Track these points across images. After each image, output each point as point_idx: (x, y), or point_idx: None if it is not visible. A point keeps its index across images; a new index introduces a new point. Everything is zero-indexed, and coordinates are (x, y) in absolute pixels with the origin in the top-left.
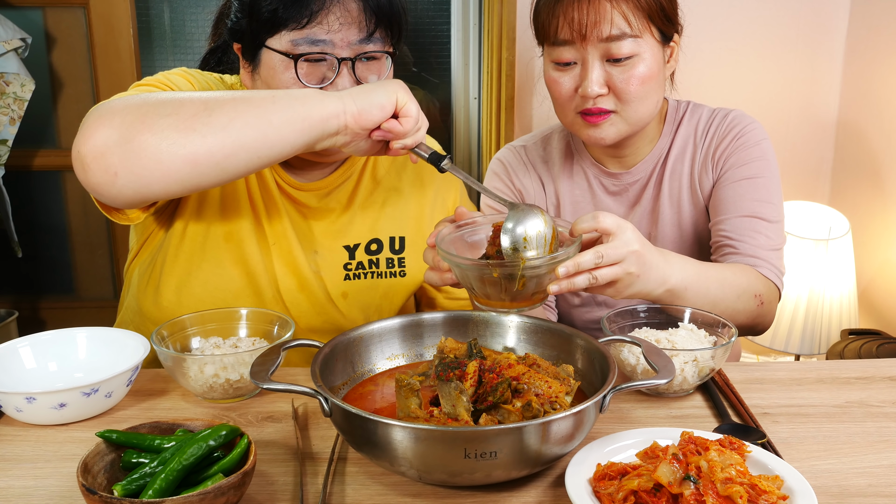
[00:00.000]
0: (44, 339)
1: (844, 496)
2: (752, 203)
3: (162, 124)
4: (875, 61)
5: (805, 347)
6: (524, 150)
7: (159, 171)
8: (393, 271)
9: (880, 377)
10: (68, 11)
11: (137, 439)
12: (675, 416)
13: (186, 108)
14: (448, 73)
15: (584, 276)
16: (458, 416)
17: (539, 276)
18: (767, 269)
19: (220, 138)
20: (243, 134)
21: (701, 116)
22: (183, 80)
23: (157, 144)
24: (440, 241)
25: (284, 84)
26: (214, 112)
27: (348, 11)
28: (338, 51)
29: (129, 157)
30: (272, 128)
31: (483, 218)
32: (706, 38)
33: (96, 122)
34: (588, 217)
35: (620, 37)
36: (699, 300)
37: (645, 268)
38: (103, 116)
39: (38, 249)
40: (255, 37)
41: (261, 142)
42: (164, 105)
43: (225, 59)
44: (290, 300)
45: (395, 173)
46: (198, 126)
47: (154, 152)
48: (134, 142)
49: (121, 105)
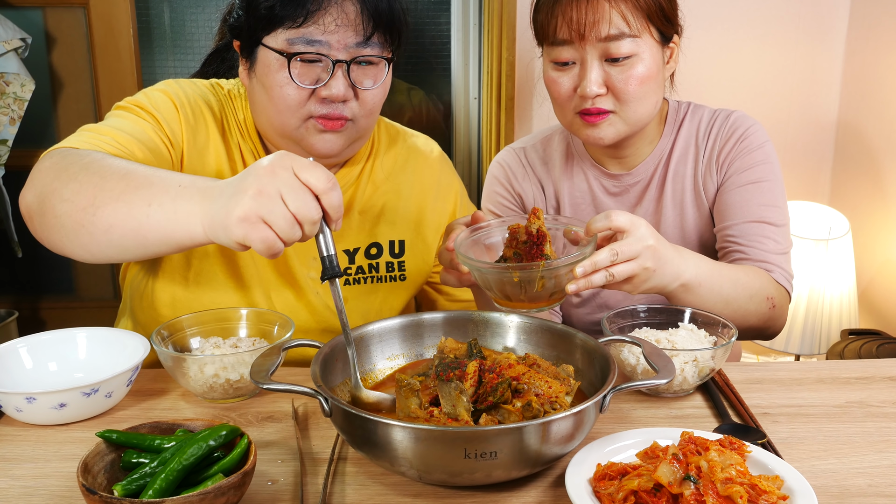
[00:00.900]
0: (44, 339)
1: (844, 496)
2: (758, 208)
3: (60, 210)
4: (875, 61)
5: (805, 347)
6: (524, 152)
7: (63, 249)
8: (393, 275)
9: (880, 377)
10: (68, 11)
11: (137, 439)
12: (675, 416)
13: (80, 197)
14: (448, 73)
15: (600, 273)
16: (458, 416)
17: (557, 277)
18: (778, 273)
19: (104, 238)
20: (121, 237)
21: (702, 117)
22: (164, 99)
23: (57, 231)
24: (458, 245)
25: (278, 83)
26: (99, 210)
27: (345, 13)
28: (333, 52)
29: (42, 230)
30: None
31: (498, 221)
32: (706, 39)
33: (29, 182)
34: (601, 216)
35: (619, 36)
36: (712, 297)
37: (660, 262)
38: (33, 178)
39: (38, 249)
40: (252, 34)
41: (139, 242)
42: (68, 186)
43: (228, 59)
44: (288, 312)
45: (395, 177)
46: (85, 223)
47: (56, 235)
48: (44, 219)
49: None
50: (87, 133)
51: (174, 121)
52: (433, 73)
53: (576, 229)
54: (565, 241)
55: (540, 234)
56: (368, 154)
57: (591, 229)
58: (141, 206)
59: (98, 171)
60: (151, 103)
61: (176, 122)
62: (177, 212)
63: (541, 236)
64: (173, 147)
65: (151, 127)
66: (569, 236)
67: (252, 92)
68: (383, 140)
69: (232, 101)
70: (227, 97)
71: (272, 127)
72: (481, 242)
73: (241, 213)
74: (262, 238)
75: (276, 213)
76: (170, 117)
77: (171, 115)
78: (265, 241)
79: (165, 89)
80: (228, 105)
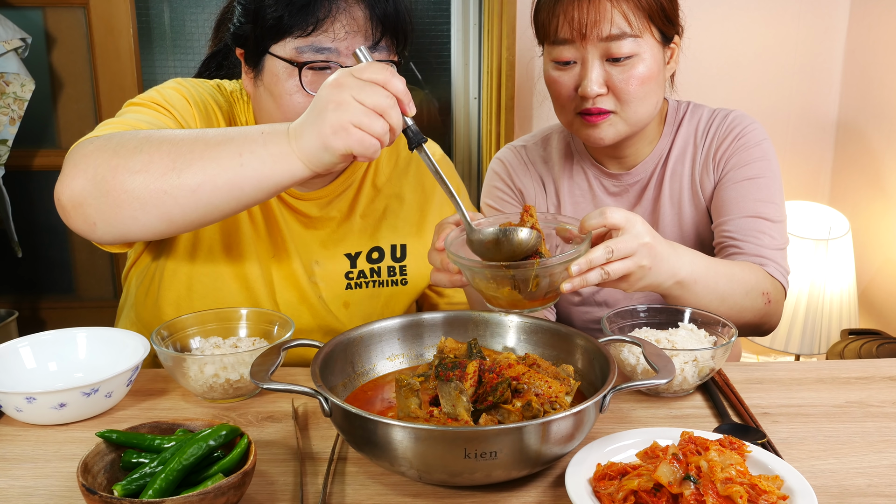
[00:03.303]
0: (44, 339)
1: (844, 496)
2: (754, 203)
3: (133, 183)
4: (875, 61)
5: (805, 347)
6: (524, 150)
7: (136, 225)
8: (395, 279)
9: (880, 377)
10: (68, 11)
11: (137, 439)
12: (675, 416)
13: (155, 165)
14: (448, 73)
15: (595, 271)
16: (458, 416)
17: (552, 275)
18: (773, 268)
19: (191, 200)
20: (212, 195)
21: (701, 117)
22: (177, 96)
23: (129, 205)
24: (449, 244)
25: (287, 91)
26: (182, 171)
27: (354, 20)
28: (342, 59)
29: (105, 209)
30: (240, 183)
31: (488, 220)
32: (706, 39)
33: (73, 170)
34: (596, 213)
35: (620, 36)
36: (708, 294)
37: (656, 260)
38: (79, 165)
39: (38, 249)
40: (258, 43)
41: (233, 195)
42: (134, 158)
43: (226, 63)
44: (291, 314)
45: (396, 181)
46: (168, 188)
47: (128, 212)
48: (109, 196)
49: (95, 151)
50: (113, 124)
51: (189, 116)
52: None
53: (569, 227)
54: (558, 241)
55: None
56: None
57: (586, 226)
58: (231, 157)
59: (164, 139)
60: (165, 99)
61: (191, 117)
62: (272, 154)
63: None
64: None
65: (170, 119)
66: (562, 234)
67: (258, 100)
68: None
69: (235, 103)
70: (231, 98)
71: None
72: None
73: (331, 128)
74: (359, 140)
75: (359, 113)
76: (185, 112)
77: (186, 110)
78: (362, 142)
79: (177, 87)
80: (234, 106)
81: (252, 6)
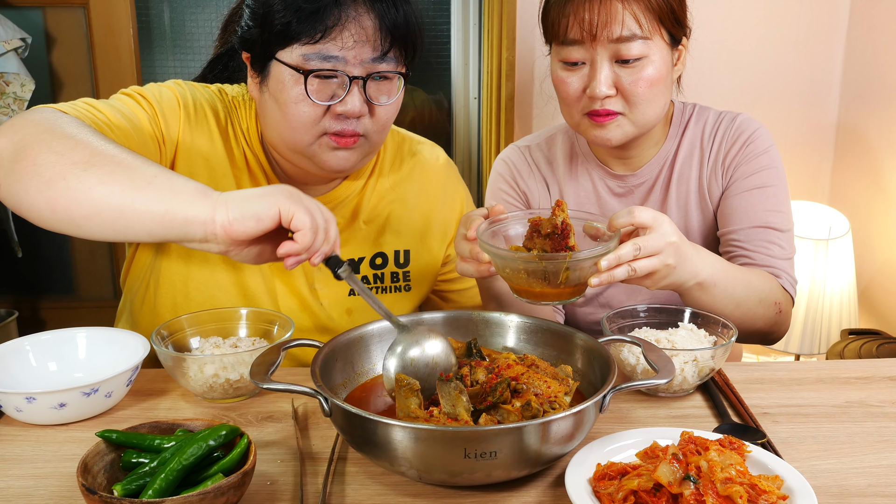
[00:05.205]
0: (44, 339)
1: (844, 496)
2: (763, 213)
3: (44, 160)
4: (875, 61)
5: (805, 347)
6: (529, 151)
7: (26, 201)
8: (398, 286)
9: (880, 377)
10: (68, 11)
11: (137, 439)
12: (675, 416)
13: (74, 153)
14: (448, 73)
15: (623, 267)
16: (458, 416)
17: (582, 269)
18: (785, 279)
19: (82, 197)
20: (103, 203)
21: (707, 119)
22: (169, 94)
23: (30, 178)
24: (480, 234)
25: (293, 99)
26: (91, 169)
27: (363, 29)
28: (349, 68)
29: (10, 176)
30: (132, 210)
31: (517, 213)
32: (707, 39)
33: (7, 129)
34: (624, 212)
35: (630, 38)
36: (725, 298)
37: (681, 259)
38: (14, 126)
39: (38, 249)
40: (265, 48)
41: (116, 217)
42: (61, 141)
43: (231, 65)
44: (289, 313)
45: (400, 186)
46: (69, 176)
47: (25, 184)
48: (18, 165)
49: (38, 121)
50: (84, 105)
51: (173, 116)
52: (433, 73)
53: (597, 225)
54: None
55: (565, 225)
56: (374, 163)
57: (615, 224)
58: (142, 177)
59: (99, 139)
60: (155, 95)
61: (175, 118)
62: (185, 189)
63: (565, 228)
64: (164, 143)
65: (147, 117)
66: (589, 231)
67: (263, 106)
68: (389, 149)
69: (236, 109)
70: (232, 104)
71: (284, 143)
72: (501, 234)
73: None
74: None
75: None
76: (169, 112)
77: (172, 110)
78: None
79: (173, 86)
80: (234, 113)
81: (260, 10)
